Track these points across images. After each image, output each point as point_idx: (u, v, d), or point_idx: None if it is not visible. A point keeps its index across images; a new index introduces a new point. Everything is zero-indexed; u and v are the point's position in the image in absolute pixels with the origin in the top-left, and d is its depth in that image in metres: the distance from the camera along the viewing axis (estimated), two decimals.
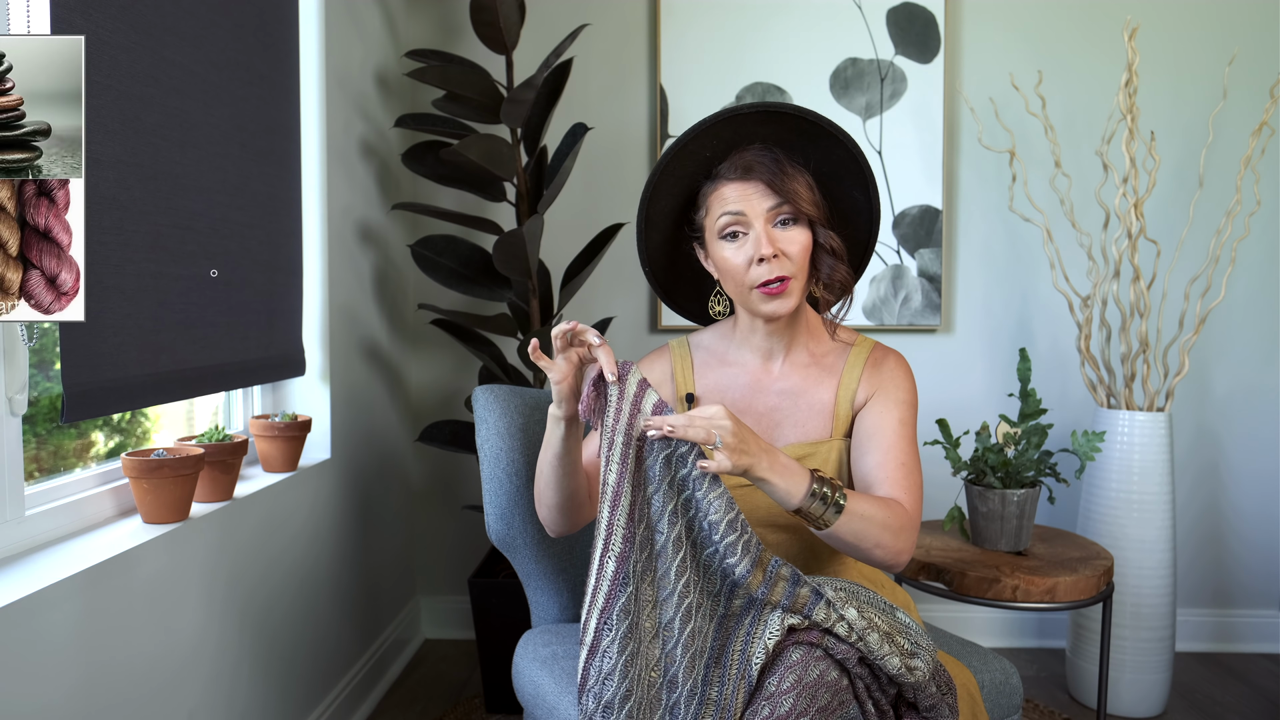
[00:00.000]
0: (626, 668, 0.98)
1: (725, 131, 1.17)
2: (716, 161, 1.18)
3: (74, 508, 1.24)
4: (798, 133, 1.18)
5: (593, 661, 0.98)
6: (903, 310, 2.52)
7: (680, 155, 1.18)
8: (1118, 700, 2.18)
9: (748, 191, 1.14)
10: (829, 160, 1.19)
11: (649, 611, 1.02)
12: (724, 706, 0.99)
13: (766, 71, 2.50)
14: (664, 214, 1.24)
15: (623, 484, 1.01)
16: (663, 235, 1.27)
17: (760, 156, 1.15)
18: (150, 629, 1.22)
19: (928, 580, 1.66)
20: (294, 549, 1.72)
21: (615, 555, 1.00)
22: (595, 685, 0.97)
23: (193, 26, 1.35)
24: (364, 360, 2.16)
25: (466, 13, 2.45)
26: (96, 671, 1.10)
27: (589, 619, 0.99)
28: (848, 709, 0.99)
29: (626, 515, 1.01)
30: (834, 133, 1.17)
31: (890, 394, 1.21)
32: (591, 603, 1.00)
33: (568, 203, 2.49)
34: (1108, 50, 2.47)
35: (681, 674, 0.99)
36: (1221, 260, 2.41)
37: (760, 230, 1.13)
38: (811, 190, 1.16)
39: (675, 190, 1.22)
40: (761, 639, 1.01)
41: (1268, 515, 2.56)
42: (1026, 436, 1.74)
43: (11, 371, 1.09)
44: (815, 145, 1.18)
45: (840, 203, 1.22)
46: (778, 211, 1.14)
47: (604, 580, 0.99)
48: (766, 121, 1.17)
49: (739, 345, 1.27)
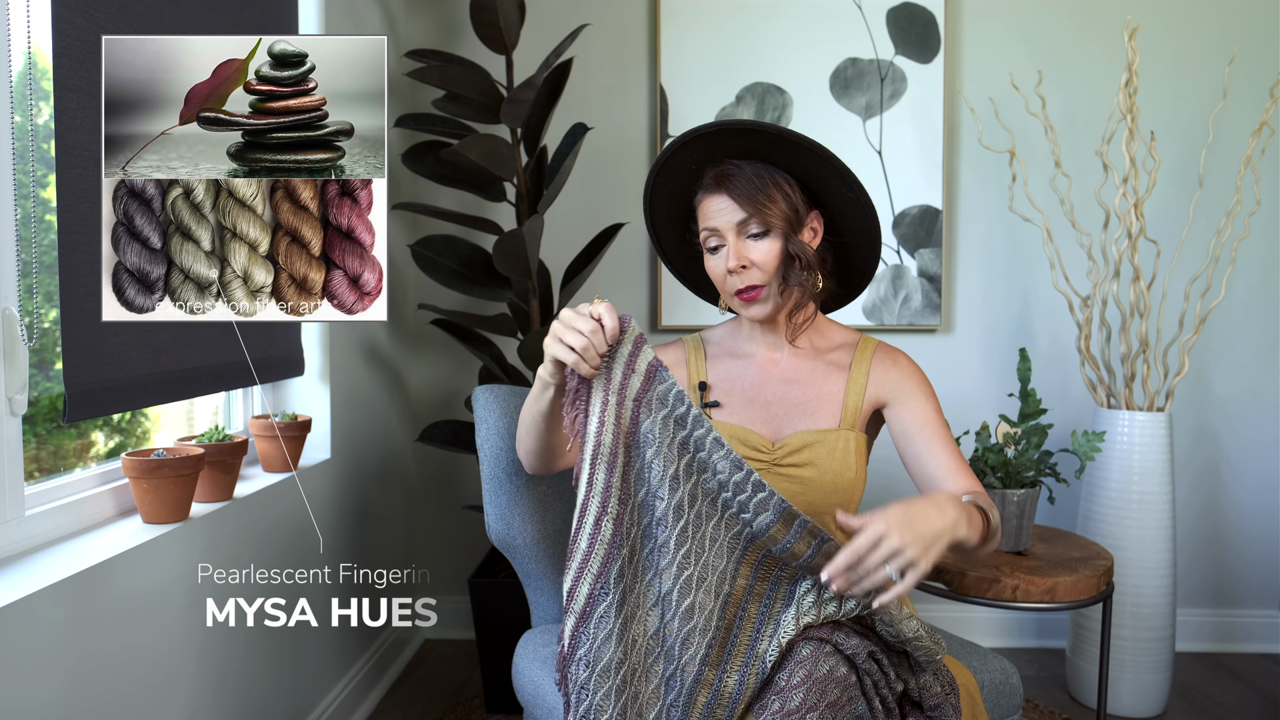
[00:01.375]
0: (621, 634, 0.96)
1: (701, 147, 1.21)
2: (702, 174, 1.24)
3: (74, 508, 1.24)
4: (772, 142, 1.20)
5: (584, 627, 0.95)
6: (903, 310, 2.52)
7: (666, 170, 1.25)
8: (1118, 700, 2.18)
9: (721, 206, 1.20)
10: (808, 166, 1.22)
11: (649, 579, 1.01)
12: (722, 691, 0.99)
13: (766, 72, 2.50)
14: (669, 220, 1.33)
15: (618, 445, 1.00)
16: (674, 237, 1.35)
17: (733, 170, 1.20)
18: (150, 629, 1.22)
19: (928, 580, 1.66)
20: (294, 549, 1.72)
21: (612, 518, 0.97)
22: (587, 652, 0.94)
23: (193, 26, 1.35)
24: (364, 360, 2.16)
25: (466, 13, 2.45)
26: (96, 671, 1.10)
27: (579, 585, 0.96)
28: (856, 705, 1.00)
29: (622, 477, 0.99)
30: (798, 141, 1.18)
31: (917, 390, 1.26)
32: (583, 568, 0.96)
33: (568, 203, 2.49)
34: (1108, 50, 2.47)
35: (679, 646, 0.98)
36: (1221, 260, 2.41)
37: (731, 243, 1.19)
38: (786, 198, 1.19)
39: (674, 199, 1.29)
40: (775, 637, 1.01)
41: (1268, 515, 2.56)
42: (1026, 436, 1.74)
43: (11, 371, 1.09)
44: (792, 154, 1.21)
45: (832, 201, 1.25)
46: (746, 225, 1.18)
47: (599, 544, 0.97)
48: (732, 134, 1.21)
49: (746, 338, 1.33)
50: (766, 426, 1.25)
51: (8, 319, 1.07)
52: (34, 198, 1.13)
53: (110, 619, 1.13)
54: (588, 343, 1.00)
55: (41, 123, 1.17)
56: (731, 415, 1.27)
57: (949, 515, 0.99)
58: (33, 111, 1.14)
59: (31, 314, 1.09)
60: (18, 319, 1.08)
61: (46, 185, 1.16)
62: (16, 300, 1.09)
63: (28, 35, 1.09)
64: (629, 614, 0.98)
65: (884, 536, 0.92)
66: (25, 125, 1.11)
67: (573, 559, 0.98)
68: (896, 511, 0.95)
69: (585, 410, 1.02)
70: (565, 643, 0.96)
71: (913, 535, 0.93)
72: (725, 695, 0.99)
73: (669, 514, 1.00)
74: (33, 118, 1.14)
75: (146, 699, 1.21)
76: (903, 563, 0.92)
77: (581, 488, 0.99)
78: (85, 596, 1.07)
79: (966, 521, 1.03)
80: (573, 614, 0.96)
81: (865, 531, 0.93)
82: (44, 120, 1.17)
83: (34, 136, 1.12)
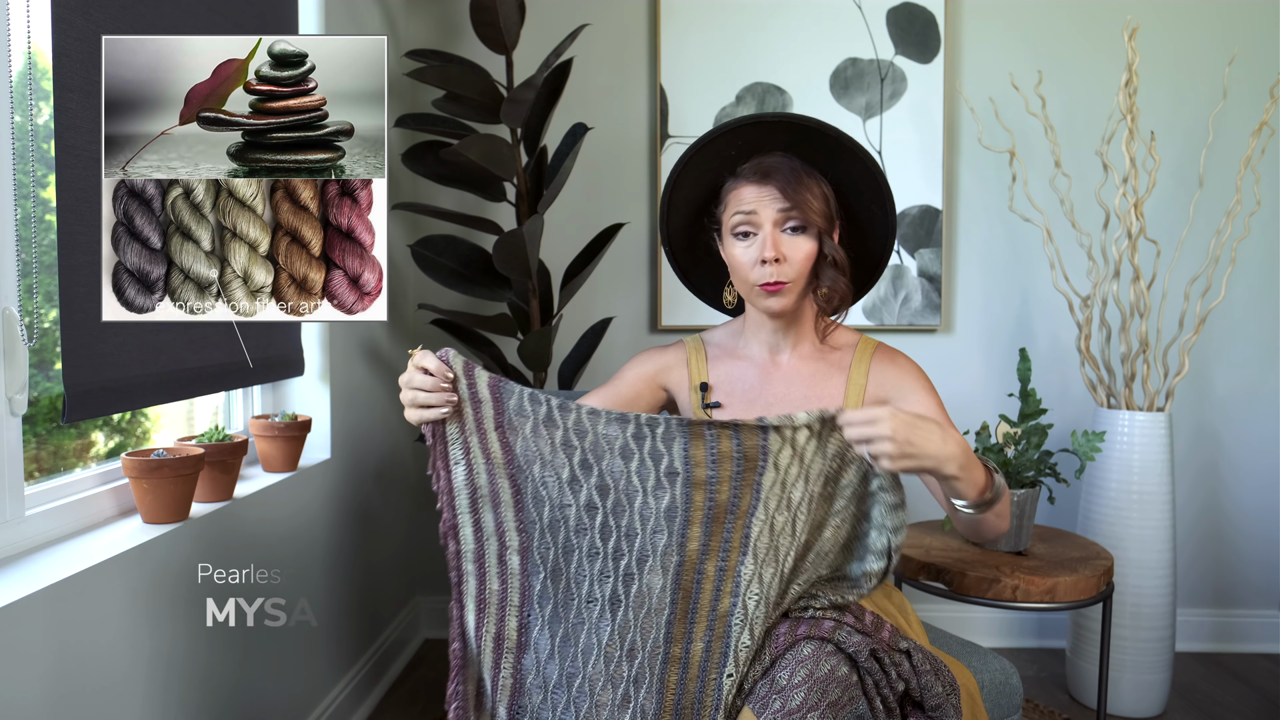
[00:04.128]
0: (564, 647, 0.98)
1: (750, 134, 1.21)
2: (740, 161, 1.23)
3: (74, 508, 1.24)
4: (820, 146, 1.21)
5: (525, 656, 0.97)
6: (903, 310, 2.52)
7: (705, 151, 1.23)
8: (1118, 700, 2.18)
9: (762, 194, 1.18)
10: (849, 175, 1.22)
11: (588, 589, 1.00)
12: (690, 662, 0.99)
13: (767, 72, 2.50)
14: (688, 201, 1.30)
15: (498, 481, 1.00)
16: (685, 220, 1.33)
17: (780, 162, 1.19)
18: (150, 629, 1.22)
19: (928, 580, 1.66)
20: (294, 549, 1.72)
21: (515, 550, 0.98)
22: (535, 678, 0.96)
23: (193, 26, 1.35)
24: (364, 360, 2.16)
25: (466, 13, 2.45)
26: (96, 671, 1.10)
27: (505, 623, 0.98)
28: (857, 705, 1.00)
29: (515, 509, 0.99)
30: (854, 149, 1.20)
31: (917, 387, 1.26)
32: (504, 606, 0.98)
33: (568, 203, 2.49)
34: (1108, 50, 2.47)
35: (639, 638, 0.99)
36: (1221, 260, 2.41)
37: (768, 233, 1.18)
38: (825, 202, 1.20)
39: (700, 181, 1.27)
40: (738, 596, 1.00)
41: (1268, 515, 2.56)
42: (1026, 436, 1.74)
43: (11, 371, 1.09)
44: (836, 159, 1.21)
45: (858, 215, 1.26)
46: (787, 217, 1.18)
47: (512, 578, 0.98)
48: (790, 130, 1.21)
49: (748, 340, 1.32)
50: None
51: (8, 319, 1.07)
52: (34, 198, 1.13)
53: (110, 619, 1.13)
54: (414, 392, 1.00)
55: (41, 123, 1.17)
56: (732, 415, 1.27)
57: (950, 448, 1.02)
58: (33, 111, 1.14)
59: (31, 314, 1.09)
60: (18, 319, 1.08)
61: (46, 185, 1.16)
62: (16, 300, 1.09)
63: (28, 35, 1.09)
64: (569, 628, 0.99)
65: (881, 420, 0.96)
66: (25, 125, 1.11)
67: (489, 605, 0.99)
68: (907, 415, 0.99)
69: (446, 466, 1.02)
70: (512, 681, 0.98)
71: (904, 437, 0.97)
72: (694, 663, 0.99)
73: (584, 516, 1.00)
74: (33, 118, 1.14)
75: (146, 699, 1.21)
76: (877, 450, 0.96)
77: (468, 539, 0.99)
78: (85, 596, 1.07)
79: (967, 468, 1.05)
80: (510, 652, 0.97)
81: (874, 409, 0.98)
82: (44, 120, 1.17)
83: (34, 136, 1.12)
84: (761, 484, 0.99)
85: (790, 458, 0.99)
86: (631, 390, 1.32)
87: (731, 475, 0.99)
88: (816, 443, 1.00)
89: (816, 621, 1.02)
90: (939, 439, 1.01)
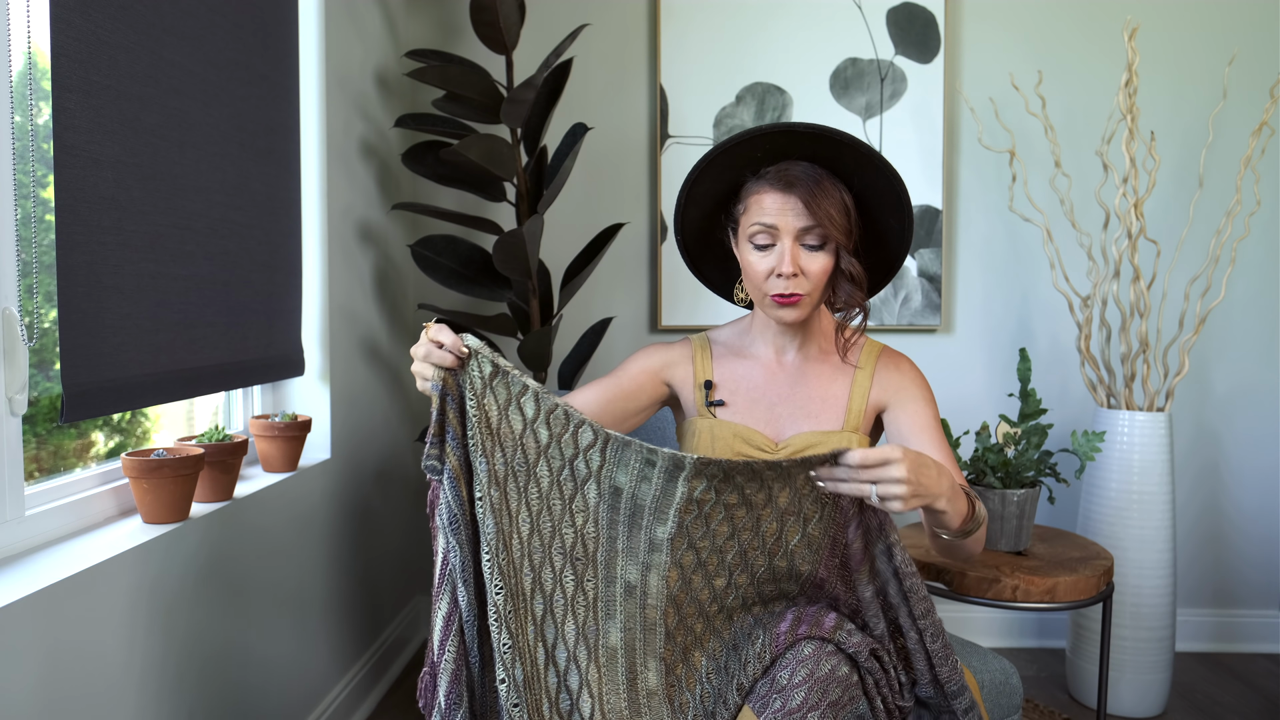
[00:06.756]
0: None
1: (780, 140, 1.20)
2: (764, 163, 1.23)
3: (74, 508, 1.24)
4: (846, 156, 1.20)
5: (506, 655, 0.97)
6: (903, 310, 2.52)
7: (730, 151, 1.22)
8: (1118, 700, 2.18)
9: (785, 206, 1.18)
10: (872, 187, 1.22)
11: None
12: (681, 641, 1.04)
13: (767, 72, 2.50)
14: (707, 195, 1.29)
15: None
16: (701, 212, 1.32)
17: (804, 172, 1.19)
18: (150, 629, 1.22)
19: (928, 580, 1.66)
20: (294, 549, 1.72)
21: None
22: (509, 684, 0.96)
23: (192, 26, 1.35)
24: (364, 360, 2.16)
25: (466, 13, 2.45)
26: (96, 671, 1.10)
27: (500, 633, 0.98)
28: (857, 704, 1.01)
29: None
30: (880, 166, 1.19)
31: (917, 395, 1.27)
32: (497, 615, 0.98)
33: (568, 203, 2.49)
34: (1108, 50, 2.47)
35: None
36: (1221, 260, 2.41)
37: (787, 247, 1.18)
38: (845, 214, 1.19)
39: (721, 178, 1.26)
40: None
41: (1268, 515, 2.56)
42: (1026, 436, 1.74)
43: (11, 371, 1.09)
44: (860, 171, 1.21)
45: (876, 225, 1.26)
46: (808, 233, 1.18)
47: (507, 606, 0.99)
48: (817, 140, 1.20)
49: (754, 339, 1.33)
50: (770, 426, 1.26)
51: (8, 319, 1.07)
52: (34, 198, 1.13)
53: (110, 619, 1.13)
54: (424, 357, 1.08)
55: (41, 123, 1.17)
56: (736, 414, 1.27)
57: (944, 485, 1.04)
58: (33, 111, 1.14)
59: (31, 314, 1.09)
60: (18, 319, 1.08)
61: (46, 185, 1.16)
62: (16, 300, 1.09)
63: (28, 35, 1.09)
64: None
65: (896, 463, 0.96)
66: (25, 125, 1.11)
67: (487, 622, 0.99)
68: (916, 455, 0.99)
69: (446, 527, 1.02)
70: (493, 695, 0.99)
71: (916, 479, 0.97)
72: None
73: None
74: (33, 118, 1.14)
75: (146, 699, 1.21)
76: (892, 493, 0.96)
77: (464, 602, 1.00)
78: (85, 596, 1.07)
79: (953, 500, 1.07)
80: (502, 663, 0.97)
81: (887, 450, 0.98)
82: (44, 120, 1.17)
83: (34, 136, 1.12)
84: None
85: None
86: (634, 383, 1.32)
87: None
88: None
89: (817, 620, 1.03)
90: (936, 474, 1.02)
